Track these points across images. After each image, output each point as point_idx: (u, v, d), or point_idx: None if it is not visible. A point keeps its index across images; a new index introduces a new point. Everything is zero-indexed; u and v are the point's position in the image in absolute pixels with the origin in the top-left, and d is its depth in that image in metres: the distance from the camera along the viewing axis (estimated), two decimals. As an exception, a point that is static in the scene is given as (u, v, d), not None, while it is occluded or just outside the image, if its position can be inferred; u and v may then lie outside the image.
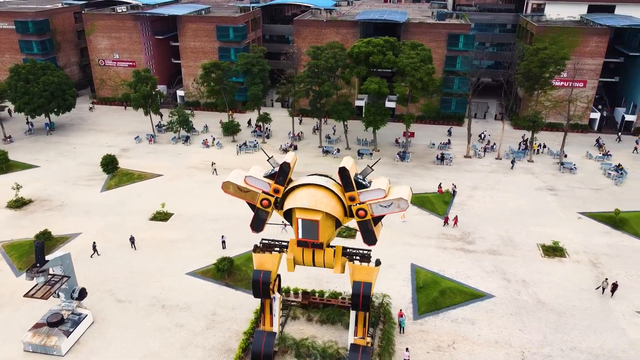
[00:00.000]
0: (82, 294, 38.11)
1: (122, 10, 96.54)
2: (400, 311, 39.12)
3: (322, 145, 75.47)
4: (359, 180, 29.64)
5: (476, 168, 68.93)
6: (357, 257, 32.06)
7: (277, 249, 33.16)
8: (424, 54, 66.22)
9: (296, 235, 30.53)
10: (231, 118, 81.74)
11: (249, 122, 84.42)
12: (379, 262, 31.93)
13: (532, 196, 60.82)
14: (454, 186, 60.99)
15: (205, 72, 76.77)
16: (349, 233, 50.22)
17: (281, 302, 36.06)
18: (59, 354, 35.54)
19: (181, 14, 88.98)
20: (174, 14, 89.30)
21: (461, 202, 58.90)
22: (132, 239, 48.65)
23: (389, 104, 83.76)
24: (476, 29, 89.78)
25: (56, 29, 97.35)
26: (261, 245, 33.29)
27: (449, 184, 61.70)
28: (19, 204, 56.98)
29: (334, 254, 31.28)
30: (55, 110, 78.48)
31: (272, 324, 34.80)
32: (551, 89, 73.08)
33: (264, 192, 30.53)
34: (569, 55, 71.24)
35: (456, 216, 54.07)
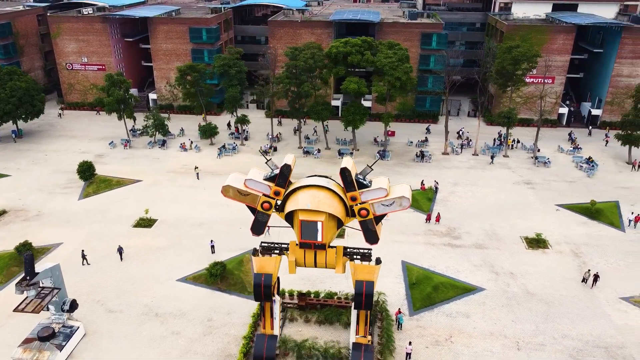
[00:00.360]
0: (73, 305, 37.01)
1: (88, 13, 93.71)
2: (399, 310, 39.61)
3: (302, 146, 75.41)
4: (360, 180, 29.82)
5: (455, 164, 70.27)
6: (357, 257, 32.29)
7: (276, 251, 33.01)
8: (402, 54, 67.06)
9: (298, 237, 30.46)
10: (205, 121, 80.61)
11: (228, 125, 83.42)
12: (379, 261, 32.21)
13: (511, 190, 62.50)
14: (436, 183, 61.97)
15: (180, 75, 75.59)
16: (338, 233, 50.22)
17: (281, 304, 35.88)
18: (52, 368, 34.37)
19: (152, 15, 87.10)
20: (144, 15, 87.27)
21: (444, 199, 59.97)
22: (120, 250, 46.93)
23: (366, 103, 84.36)
24: (446, 28, 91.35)
25: (19, 32, 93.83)
26: (260, 248, 33.08)
27: (431, 181, 62.67)
28: (-8, 215, 54.77)
29: (336, 254, 31.39)
30: (23, 116, 75.64)
31: (273, 327, 34.62)
32: (523, 85, 75.25)
33: (264, 195, 30.36)
34: (540, 53, 73.49)
35: (438, 213, 55.01)
